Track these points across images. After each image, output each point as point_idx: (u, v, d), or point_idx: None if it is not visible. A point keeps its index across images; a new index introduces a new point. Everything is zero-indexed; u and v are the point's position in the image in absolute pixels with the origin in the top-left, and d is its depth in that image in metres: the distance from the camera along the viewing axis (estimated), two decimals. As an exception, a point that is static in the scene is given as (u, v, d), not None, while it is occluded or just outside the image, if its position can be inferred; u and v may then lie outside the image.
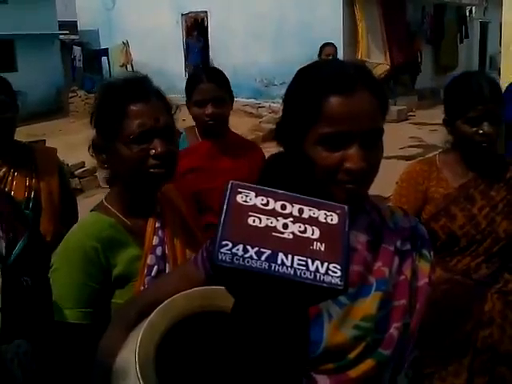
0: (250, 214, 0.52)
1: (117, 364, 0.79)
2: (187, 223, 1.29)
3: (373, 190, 0.95)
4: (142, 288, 1.13)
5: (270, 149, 0.99)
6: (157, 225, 1.21)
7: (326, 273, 0.50)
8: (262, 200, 0.53)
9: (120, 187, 1.21)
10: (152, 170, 1.14)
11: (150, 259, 1.17)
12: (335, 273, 0.50)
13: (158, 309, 0.77)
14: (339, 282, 0.50)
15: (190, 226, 1.29)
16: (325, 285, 0.49)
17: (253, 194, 0.53)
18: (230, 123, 2.19)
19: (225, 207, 0.52)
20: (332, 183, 0.87)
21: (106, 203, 1.21)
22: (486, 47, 17.91)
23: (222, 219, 0.51)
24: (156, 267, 1.17)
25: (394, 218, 1.00)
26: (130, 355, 0.73)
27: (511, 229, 1.70)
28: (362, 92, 0.86)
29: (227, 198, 0.53)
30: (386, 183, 1.11)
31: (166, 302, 0.78)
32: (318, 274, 0.49)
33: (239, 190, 0.54)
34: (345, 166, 0.85)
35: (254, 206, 0.53)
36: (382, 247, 0.95)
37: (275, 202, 0.53)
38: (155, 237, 1.19)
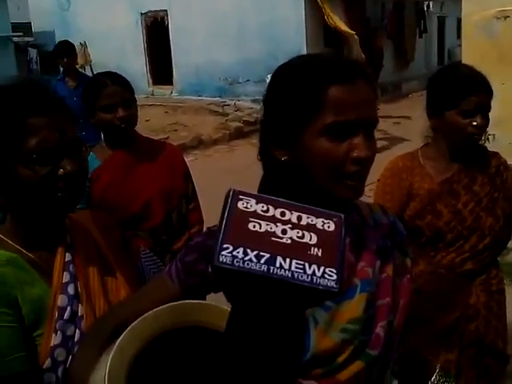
0: (251, 219, 0.54)
1: None
2: (103, 255, 1.11)
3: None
4: (54, 335, 0.96)
5: (238, 147, 0.95)
6: (67, 258, 1.03)
7: (322, 276, 0.52)
8: (263, 207, 0.55)
9: (17, 216, 1.02)
10: (61, 194, 0.98)
11: (61, 300, 0.99)
12: (331, 276, 0.52)
13: (127, 331, 0.75)
14: (334, 285, 0.52)
15: (106, 257, 1.11)
16: (321, 287, 0.52)
17: (253, 201, 0.56)
18: (194, 122, 2.13)
19: (226, 213, 0.54)
20: (335, 180, 0.85)
21: (1, 235, 1.02)
22: (444, 41, 18.39)
23: (223, 224, 0.53)
24: (69, 308, 0.99)
25: (374, 216, 0.99)
26: (101, 382, 0.69)
27: (496, 225, 1.71)
28: (361, 81, 0.86)
29: (229, 204, 0.55)
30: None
31: (135, 322, 0.75)
32: (314, 277, 0.52)
33: (240, 196, 0.56)
34: (352, 155, 0.84)
35: (255, 212, 0.55)
36: (365, 247, 0.93)
37: (275, 209, 0.56)
38: (65, 273, 1.02)
